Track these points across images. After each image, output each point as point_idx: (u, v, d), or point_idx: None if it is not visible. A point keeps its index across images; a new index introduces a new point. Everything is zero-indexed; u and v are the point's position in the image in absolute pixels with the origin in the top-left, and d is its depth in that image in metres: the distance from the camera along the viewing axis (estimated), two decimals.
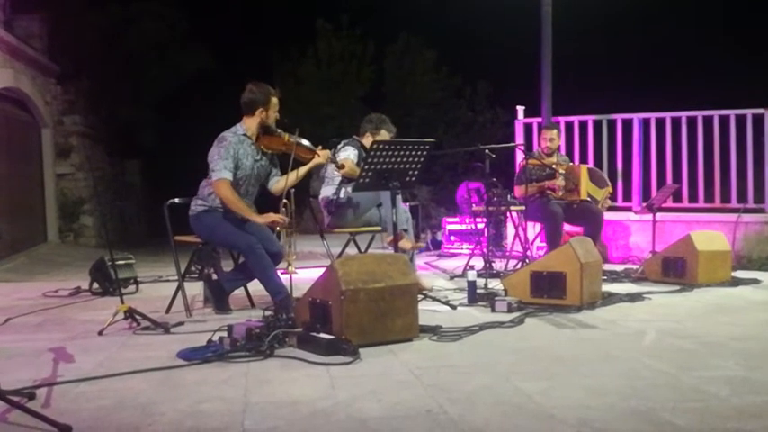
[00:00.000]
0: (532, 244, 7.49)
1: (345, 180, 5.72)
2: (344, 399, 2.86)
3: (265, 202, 5.11)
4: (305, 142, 4.96)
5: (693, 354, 3.58)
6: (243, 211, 4.78)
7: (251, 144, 4.92)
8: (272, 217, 4.76)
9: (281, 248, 4.99)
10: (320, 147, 5.08)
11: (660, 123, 8.27)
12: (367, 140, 5.89)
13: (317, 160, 5.01)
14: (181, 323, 4.49)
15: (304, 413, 2.70)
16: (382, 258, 4.04)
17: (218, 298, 5.00)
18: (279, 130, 4.97)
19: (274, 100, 4.96)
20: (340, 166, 5.26)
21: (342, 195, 5.70)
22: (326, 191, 5.84)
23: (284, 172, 5.06)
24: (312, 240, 8.43)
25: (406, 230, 5.57)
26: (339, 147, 5.84)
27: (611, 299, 5.18)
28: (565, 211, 6.86)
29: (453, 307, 4.94)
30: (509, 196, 7.11)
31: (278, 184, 5.08)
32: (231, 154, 4.77)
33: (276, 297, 4.72)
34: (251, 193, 5.01)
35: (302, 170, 4.99)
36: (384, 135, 5.93)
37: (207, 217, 4.90)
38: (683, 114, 8.13)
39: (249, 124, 4.94)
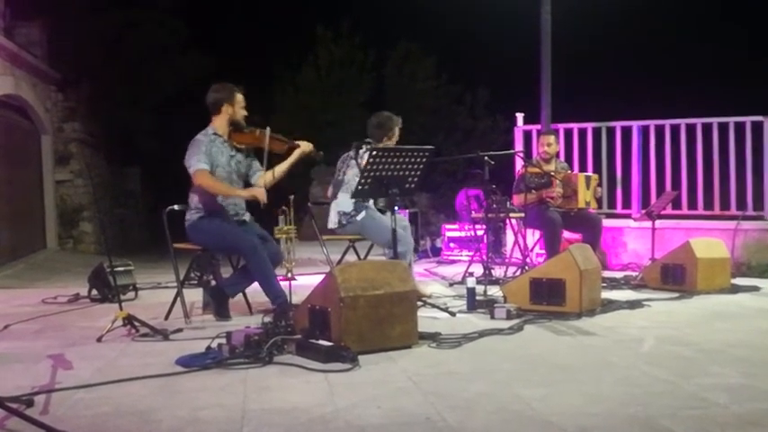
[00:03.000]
0: (532, 251, 7.48)
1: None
2: (343, 406, 2.85)
3: (271, 202, 5.12)
4: (278, 135, 5.02)
5: (692, 361, 3.58)
6: (228, 191, 4.87)
7: (223, 142, 4.98)
8: (255, 191, 4.83)
9: (280, 251, 5.02)
10: (296, 140, 5.14)
11: (659, 130, 8.28)
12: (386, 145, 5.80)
13: (301, 149, 5.08)
14: (180, 330, 4.48)
15: (303, 420, 2.70)
16: (382, 265, 4.04)
17: (220, 303, 5.00)
18: (249, 127, 5.03)
19: (239, 96, 5.03)
20: (317, 155, 5.24)
21: (359, 218, 5.60)
22: (344, 198, 5.62)
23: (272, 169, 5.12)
24: (311, 247, 8.44)
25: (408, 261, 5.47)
26: (362, 151, 5.62)
27: (610, 306, 5.18)
28: (563, 218, 6.85)
29: (452, 314, 4.94)
30: (508, 203, 7.11)
31: (261, 178, 5.07)
32: (203, 150, 4.83)
33: (275, 301, 4.74)
34: (235, 197, 5.03)
35: (288, 162, 5.07)
36: (397, 132, 5.86)
37: (204, 223, 4.92)
38: (683, 121, 8.15)
39: (218, 123, 5.00)
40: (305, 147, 5.09)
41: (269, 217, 5.24)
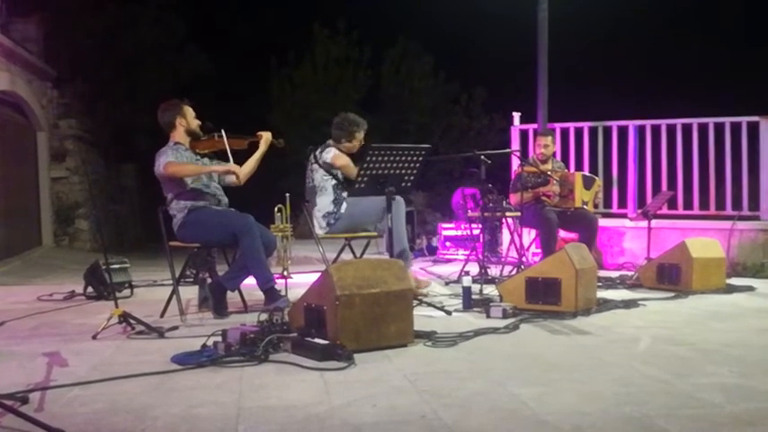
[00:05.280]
0: (528, 250, 7.49)
1: (340, 187, 5.69)
2: (339, 404, 2.85)
3: (267, 200, 5.21)
4: (234, 134, 5.20)
5: (688, 360, 3.58)
6: (198, 169, 5.02)
7: (185, 149, 5.15)
8: (229, 166, 5.03)
9: (274, 239, 5.11)
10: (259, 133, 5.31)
11: (655, 130, 8.29)
12: (345, 148, 5.86)
13: (264, 139, 5.24)
14: (175, 327, 4.48)
15: (298, 418, 2.70)
16: (378, 264, 4.04)
17: (218, 299, 5.01)
18: (206, 134, 5.20)
19: (187, 108, 5.20)
20: (278, 143, 5.37)
21: (343, 210, 5.64)
22: (323, 201, 5.75)
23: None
24: (307, 245, 8.44)
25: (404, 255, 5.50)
26: (320, 151, 5.77)
27: (605, 305, 5.18)
28: (560, 217, 6.86)
29: (448, 313, 4.94)
30: (504, 202, 7.11)
31: (232, 176, 5.24)
32: (170, 154, 5.02)
33: (264, 286, 4.80)
34: (212, 188, 5.15)
35: (258, 152, 5.25)
36: (360, 136, 5.91)
37: (192, 217, 4.99)
38: (679, 121, 8.16)
39: (177, 137, 5.17)
40: (267, 135, 5.28)
41: (265, 215, 5.28)
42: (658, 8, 17.65)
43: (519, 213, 6.90)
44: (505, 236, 8.54)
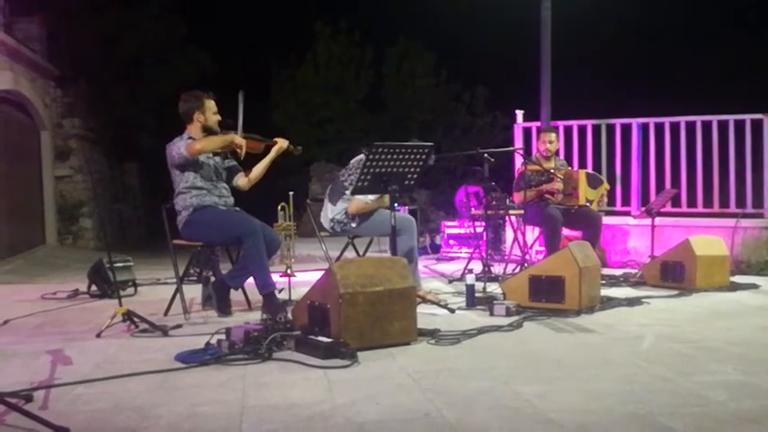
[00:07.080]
0: (531, 248, 7.48)
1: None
2: (342, 402, 2.86)
3: (270, 198, 5.17)
4: (252, 135, 5.12)
5: (691, 358, 3.58)
6: (223, 138, 4.95)
7: None
8: (240, 139, 4.95)
9: (278, 237, 5.09)
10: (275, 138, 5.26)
11: (659, 128, 8.27)
12: None
13: (278, 146, 5.18)
14: (179, 326, 4.49)
15: (301, 416, 2.70)
16: (381, 262, 4.04)
17: (222, 298, 5.00)
18: (223, 131, 5.10)
19: (209, 102, 5.09)
20: (295, 150, 5.30)
21: (353, 224, 5.53)
22: (339, 207, 5.54)
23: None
24: (311, 243, 8.45)
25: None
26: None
27: (609, 303, 5.18)
28: (563, 215, 6.85)
29: (452, 311, 4.94)
30: (508, 200, 7.11)
31: (242, 179, 5.23)
32: (183, 142, 4.96)
33: (263, 290, 4.77)
34: (219, 188, 5.09)
35: (267, 159, 5.18)
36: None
37: (197, 216, 4.94)
38: (682, 119, 8.14)
39: (193, 131, 5.07)
40: (281, 143, 5.21)
41: (268, 214, 5.28)
42: (662, 6, 17.62)
43: (522, 211, 6.89)
44: (509, 234, 8.54)
